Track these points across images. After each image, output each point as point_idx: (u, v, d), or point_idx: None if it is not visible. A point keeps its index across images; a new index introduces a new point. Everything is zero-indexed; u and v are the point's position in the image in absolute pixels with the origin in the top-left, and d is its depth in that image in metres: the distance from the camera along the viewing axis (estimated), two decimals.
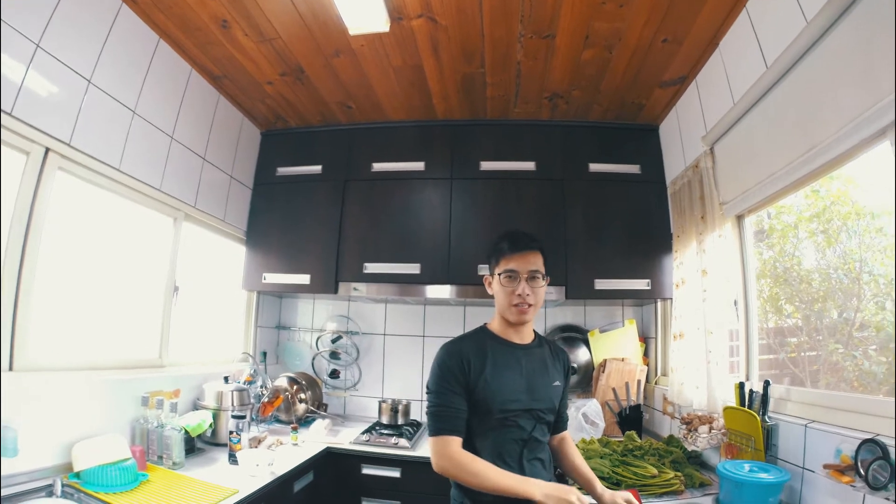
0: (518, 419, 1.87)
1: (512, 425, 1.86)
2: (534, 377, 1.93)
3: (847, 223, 2.20)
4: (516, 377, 1.90)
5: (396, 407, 3.51)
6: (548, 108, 3.56)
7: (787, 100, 2.18)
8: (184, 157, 3.09)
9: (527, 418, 1.88)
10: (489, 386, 1.83)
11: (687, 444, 2.59)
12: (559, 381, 2.02)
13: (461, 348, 1.88)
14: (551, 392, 1.97)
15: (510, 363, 1.91)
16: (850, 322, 2.14)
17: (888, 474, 1.52)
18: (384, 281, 3.55)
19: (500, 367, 1.88)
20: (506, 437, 1.86)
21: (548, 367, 2.00)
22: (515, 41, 2.82)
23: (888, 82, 1.61)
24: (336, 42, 2.86)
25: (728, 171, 2.70)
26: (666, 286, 3.36)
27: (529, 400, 1.89)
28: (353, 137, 3.83)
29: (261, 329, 3.96)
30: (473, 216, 3.58)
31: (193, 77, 3.13)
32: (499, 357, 1.90)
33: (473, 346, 1.90)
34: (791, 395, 2.25)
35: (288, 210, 3.75)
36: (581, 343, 3.86)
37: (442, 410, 1.81)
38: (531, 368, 1.94)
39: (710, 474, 2.47)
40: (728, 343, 2.65)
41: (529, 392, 1.89)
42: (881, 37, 1.65)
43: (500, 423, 1.85)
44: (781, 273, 2.62)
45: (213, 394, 2.94)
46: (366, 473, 3.01)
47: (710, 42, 2.71)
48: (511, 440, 1.87)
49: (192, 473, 2.35)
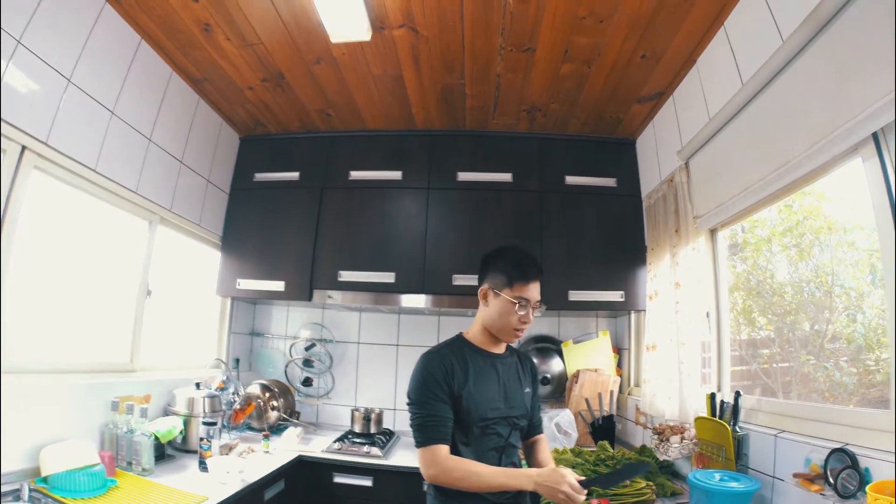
0: (497, 426, 1.89)
1: (491, 433, 1.88)
2: (509, 385, 1.96)
3: (819, 237, 2.25)
4: (495, 386, 1.92)
5: (369, 415, 3.49)
6: (526, 120, 3.60)
7: (762, 116, 2.24)
8: (161, 159, 3.05)
9: (504, 425, 1.91)
10: (472, 396, 1.83)
11: (659, 453, 2.62)
12: (529, 388, 2.05)
13: (443, 357, 1.88)
14: (524, 399, 2.00)
15: (489, 373, 1.93)
16: (822, 334, 2.19)
17: (857, 483, 1.56)
18: (359, 289, 3.54)
19: (480, 377, 1.89)
20: (486, 444, 1.88)
21: (519, 376, 2.03)
22: (496, 54, 2.85)
23: (860, 100, 1.67)
24: (317, 49, 2.86)
25: (702, 186, 2.75)
26: (639, 298, 3.41)
27: (506, 408, 1.92)
28: (332, 145, 3.82)
29: (234, 335, 3.92)
30: (449, 226, 3.60)
31: (174, 80, 3.10)
32: (479, 367, 1.91)
33: (454, 355, 1.91)
34: (762, 406, 2.30)
35: (264, 216, 3.72)
36: (555, 354, 3.88)
37: (428, 420, 1.80)
38: (506, 377, 1.97)
39: (681, 484, 2.49)
40: (700, 354, 2.70)
41: (506, 400, 1.92)
42: (854, 56, 1.71)
43: (481, 432, 1.86)
44: (754, 286, 2.67)
45: (185, 400, 2.90)
46: (338, 482, 2.99)
47: (688, 59, 2.77)
48: (490, 448, 1.89)
49: (162, 480, 2.31)
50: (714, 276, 2.77)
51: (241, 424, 3.31)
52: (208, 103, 3.49)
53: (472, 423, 1.84)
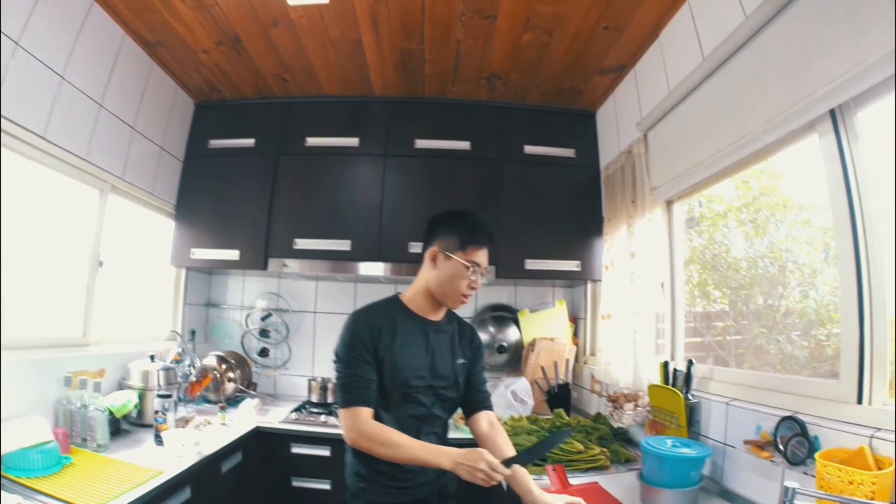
0: (419, 395, 1.87)
1: (413, 401, 1.86)
2: (438, 355, 1.93)
3: (775, 214, 2.31)
4: (421, 353, 1.89)
5: (326, 385, 3.49)
6: (486, 88, 3.56)
7: (721, 91, 2.26)
8: (113, 126, 2.92)
9: (427, 395, 1.89)
10: (395, 361, 1.82)
11: (613, 421, 2.68)
12: (464, 359, 2.02)
13: (372, 317, 1.86)
14: (455, 369, 1.97)
15: (417, 339, 1.90)
16: (775, 309, 2.26)
17: (806, 450, 1.62)
18: (315, 257, 3.49)
19: (406, 343, 1.86)
20: (406, 412, 1.87)
21: (454, 345, 2.01)
22: (456, 19, 2.80)
23: (819, 77, 1.69)
24: (274, 11, 2.76)
25: (660, 158, 2.79)
26: (596, 268, 3.45)
27: (431, 377, 1.89)
28: (288, 111, 3.73)
29: (189, 307, 3.83)
30: (406, 194, 3.57)
31: (126, 43, 2.96)
32: (407, 331, 1.89)
33: (384, 316, 1.88)
34: (714, 375, 2.36)
35: (219, 184, 3.62)
36: (511, 322, 3.93)
37: (352, 381, 1.78)
38: (437, 345, 1.94)
39: (635, 450, 2.56)
40: (654, 324, 2.75)
41: (432, 370, 1.90)
42: (814, 34, 1.73)
43: (402, 399, 1.84)
44: (710, 259, 2.73)
45: (139, 373, 2.83)
46: (295, 452, 2.99)
47: (651, 32, 2.77)
48: (410, 415, 1.87)
49: (117, 455, 2.26)
50: (669, 248, 2.82)
51: (198, 397, 3.26)
52: (162, 67, 3.34)
53: (394, 388, 1.82)
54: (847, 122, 1.69)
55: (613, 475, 2.32)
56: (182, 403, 3.03)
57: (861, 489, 1.34)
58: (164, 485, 2.01)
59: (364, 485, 1.85)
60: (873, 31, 1.48)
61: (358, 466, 1.87)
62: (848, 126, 1.69)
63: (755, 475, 1.89)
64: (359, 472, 1.87)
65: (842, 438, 1.54)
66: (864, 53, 1.51)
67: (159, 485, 1.98)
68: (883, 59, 1.44)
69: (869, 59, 1.49)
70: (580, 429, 2.67)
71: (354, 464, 1.89)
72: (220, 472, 2.58)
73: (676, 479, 1.92)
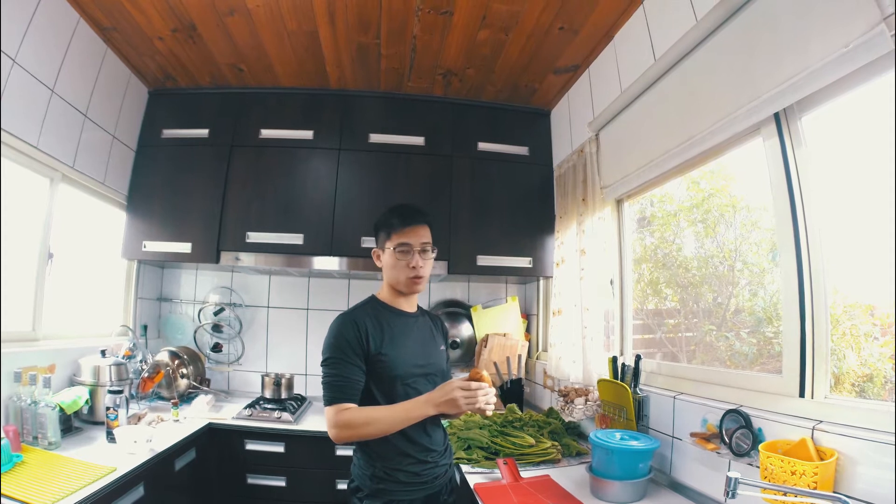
0: (418, 384, 1.90)
1: (413, 390, 1.88)
2: (424, 343, 1.99)
3: (724, 215, 2.38)
4: (413, 344, 1.94)
5: (280, 381, 3.44)
6: (441, 84, 3.57)
7: (671, 92, 2.33)
8: (64, 113, 2.82)
9: (425, 382, 1.93)
10: (392, 355, 1.85)
11: (564, 415, 2.73)
12: (443, 346, 2.10)
13: (358, 318, 1.87)
14: (440, 356, 2.05)
15: (406, 331, 1.95)
16: (725, 307, 2.33)
17: (750, 441, 1.68)
18: (267, 251, 3.45)
19: (399, 336, 1.91)
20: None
21: (433, 334, 2.07)
22: (413, 14, 2.80)
23: (765, 82, 1.75)
24: (231, 0, 2.72)
25: (611, 157, 2.84)
26: (547, 265, 3.50)
27: (426, 364, 1.94)
28: (243, 102, 3.66)
29: (141, 301, 3.73)
30: (360, 188, 3.55)
31: (81, 27, 2.85)
32: (394, 325, 1.92)
33: (369, 316, 1.90)
34: (661, 370, 2.43)
35: (171, 175, 3.53)
36: (464, 318, 3.95)
37: (337, 381, 1.79)
38: (422, 335, 2.01)
39: (586, 444, 2.61)
40: (603, 320, 2.80)
41: (425, 357, 1.95)
42: (762, 40, 1.79)
43: (404, 391, 1.87)
44: (661, 258, 2.79)
45: (90, 369, 2.76)
46: (250, 449, 2.96)
47: (606, 34, 2.82)
48: None
49: (69, 453, 2.22)
50: (619, 246, 2.88)
51: (150, 393, 3.19)
52: (116, 53, 3.24)
53: (396, 380, 1.85)
54: (791, 126, 1.75)
55: (564, 468, 2.37)
56: (134, 400, 2.97)
57: (803, 479, 1.39)
58: (116, 482, 1.98)
59: (383, 486, 1.84)
60: (819, 38, 1.54)
61: (373, 468, 1.85)
62: (792, 130, 1.75)
63: (702, 466, 1.95)
64: (375, 475, 1.85)
65: (785, 430, 1.61)
66: (810, 59, 1.57)
67: (112, 481, 1.96)
68: (828, 65, 1.50)
69: (814, 64, 1.55)
70: (533, 423, 2.70)
71: (367, 466, 1.87)
72: (174, 470, 2.54)
73: (625, 472, 1.97)
